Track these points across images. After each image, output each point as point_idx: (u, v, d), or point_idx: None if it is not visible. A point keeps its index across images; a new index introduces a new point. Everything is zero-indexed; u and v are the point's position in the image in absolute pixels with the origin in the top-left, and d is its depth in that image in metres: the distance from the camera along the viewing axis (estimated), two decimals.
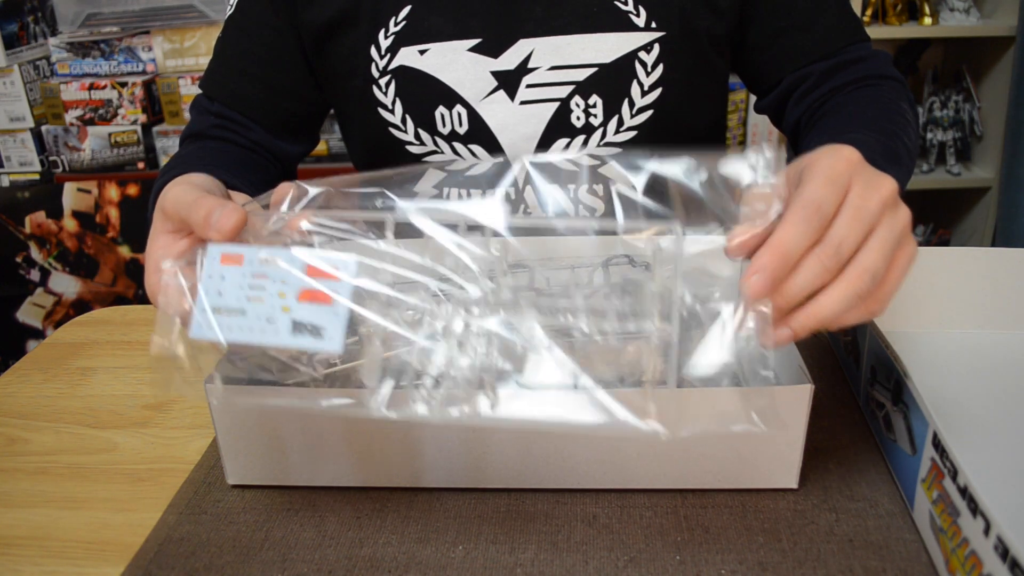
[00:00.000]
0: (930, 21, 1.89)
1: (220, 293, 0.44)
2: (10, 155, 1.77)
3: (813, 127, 0.74)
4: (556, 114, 0.77)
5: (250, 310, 0.43)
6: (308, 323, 0.43)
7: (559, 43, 0.76)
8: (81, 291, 1.84)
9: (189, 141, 0.82)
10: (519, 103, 0.77)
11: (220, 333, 0.43)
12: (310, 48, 0.81)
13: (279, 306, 0.43)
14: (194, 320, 0.44)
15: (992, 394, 0.60)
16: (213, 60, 0.83)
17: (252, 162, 0.81)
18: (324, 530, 0.51)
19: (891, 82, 0.76)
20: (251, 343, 0.43)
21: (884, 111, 0.71)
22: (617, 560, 0.48)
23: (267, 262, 0.44)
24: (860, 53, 0.77)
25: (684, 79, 0.77)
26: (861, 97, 0.74)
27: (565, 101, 0.77)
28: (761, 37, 0.78)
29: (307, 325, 0.43)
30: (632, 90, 0.77)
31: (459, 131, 0.79)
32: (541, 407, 0.43)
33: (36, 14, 1.78)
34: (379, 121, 0.80)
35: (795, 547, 0.48)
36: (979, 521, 0.40)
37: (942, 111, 2.03)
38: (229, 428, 0.53)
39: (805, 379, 0.49)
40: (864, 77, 0.76)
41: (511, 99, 0.77)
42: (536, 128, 0.78)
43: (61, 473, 0.58)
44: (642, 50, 0.76)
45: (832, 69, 0.76)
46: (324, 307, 0.43)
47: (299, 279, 0.43)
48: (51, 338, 0.79)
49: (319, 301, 0.43)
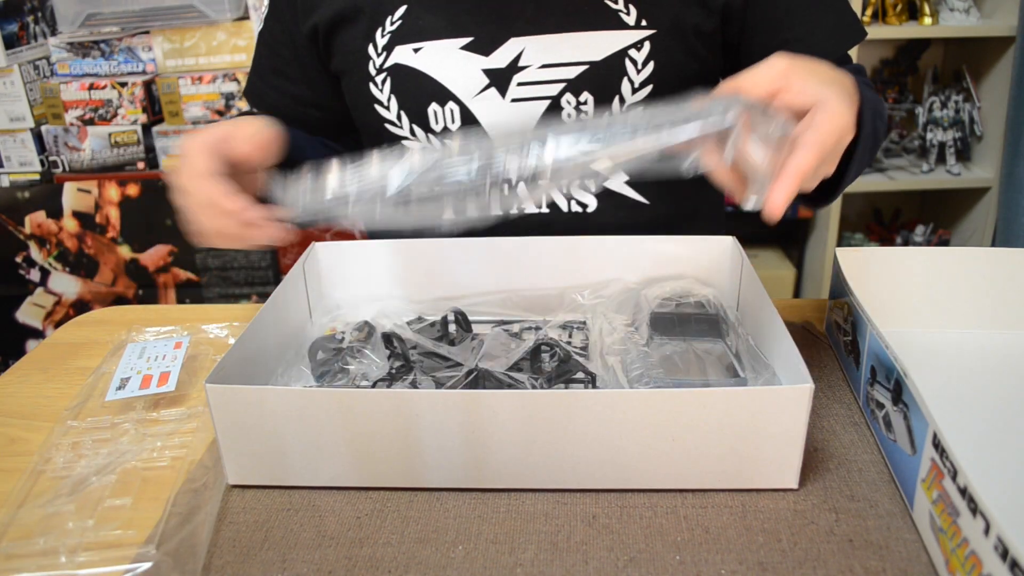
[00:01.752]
0: (930, 21, 1.89)
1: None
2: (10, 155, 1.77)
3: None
4: (547, 111, 0.78)
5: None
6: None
7: (550, 41, 0.76)
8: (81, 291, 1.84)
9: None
10: (510, 100, 0.78)
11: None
12: (323, 52, 0.83)
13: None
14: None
15: (992, 394, 0.60)
16: (251, 71, 0.90)
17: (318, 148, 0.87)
18: (324, 530, 0.51)
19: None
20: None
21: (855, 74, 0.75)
22: (617, 560, 0.48)
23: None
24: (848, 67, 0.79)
25: (674, 76, 0.77)
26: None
27: (556, 99, 0.77)
28: (766, 47, 0.77)
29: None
30: (623, 87, 0.77)
31: (451, 128, 0.79)
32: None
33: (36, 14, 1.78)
34: (376, 117, 0.81)
35: (795, 547, 0.48)
36: (979, 521, 0.40)
37: (942, 111, 2.02)
38: (229, 428, 0.53)
39: (805, 379, 0.49)
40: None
41: (502, 96, 0.78)
42: (527, 125, 0.79)
43: (60, 473, 0.58)
44: (632, 48, 0.76)
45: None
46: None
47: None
48: (51, 338, 0.79)
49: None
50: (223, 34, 1.70)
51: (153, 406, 0.65)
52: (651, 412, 0.50)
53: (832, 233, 2.01)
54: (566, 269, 0.72)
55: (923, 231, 2.16)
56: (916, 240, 2.15)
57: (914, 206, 2.31)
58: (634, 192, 0.81)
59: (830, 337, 0.71)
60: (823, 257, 2.05)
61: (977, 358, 0.65)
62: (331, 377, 0.63)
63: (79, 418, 0.64)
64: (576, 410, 0.50)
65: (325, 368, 0.63)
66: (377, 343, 0.65)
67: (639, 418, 0.50)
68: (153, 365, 0.68)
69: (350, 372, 0.63)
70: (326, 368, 0.63)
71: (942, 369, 0.64)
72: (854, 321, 0.62)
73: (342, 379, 0.62)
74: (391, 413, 0.51)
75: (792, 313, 0.77)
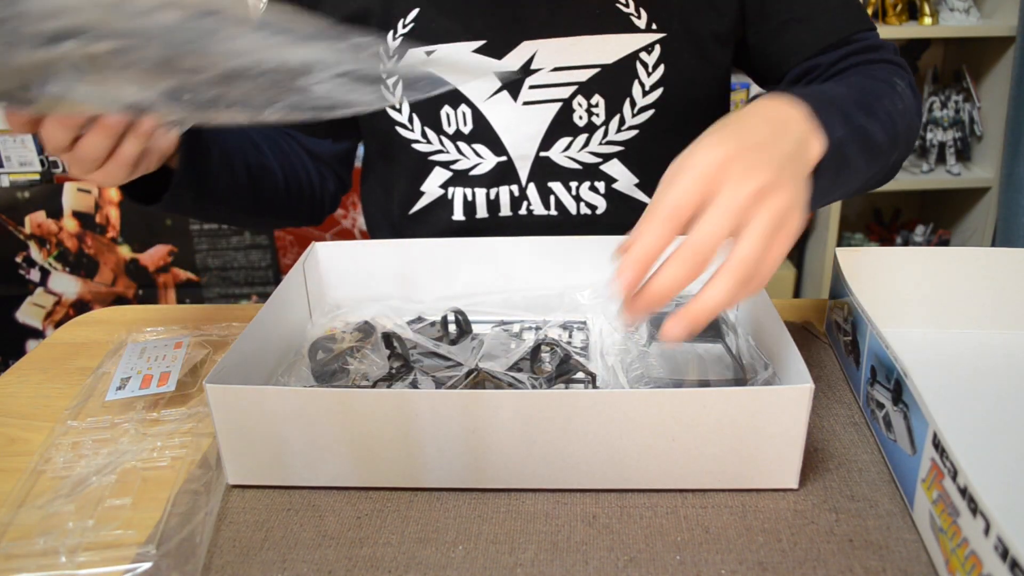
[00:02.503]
0: (930, 21, 1.89)
1: None
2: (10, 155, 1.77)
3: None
4: (559, 114, 0.78)
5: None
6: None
7: (561, 45, 0.76)
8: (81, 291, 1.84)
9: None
10: (522, 103, 0.78)
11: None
12: None
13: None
14: None
15: (992, 394, 0.60)
16: None
17: (266, 137, 0.86)
18: (324, 530, 0.51)
19: (891, 66, 0.75)
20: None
21: (868, 78, 0.70)
22: (617, 560, 0.48)
23: None
24: (868, 42, 0.76)
25: (685, 79, 0.78)
26: (851, 72, 0.74)
27: (567, 101, 0.78)
28: (764, 32, 0.77)
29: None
30: (633, 90, 0.77)
31: (463, 130, 0.80)
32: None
33: None
34: (387, 120, 0.82)
35: (795, 547, 0.48)
36: (979, 521, 0.40)
37: (942, 111, 2.03)
38: (229, 428, 0.53)
39: (805, 379, 0.49)
40: (867, 62, 0.75)
41: (514, 99, 0.78)
42: (539, 127, 0.79)
43: (60, 473, 0.58)
44: (643, 51, 0.76)
45: (839, 60, 0.75)
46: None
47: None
48: (51, 338, 0.79)
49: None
50: None
51: (153, 406, 0.65)
52: (651, 412, 0.50)
53: (832, 233, 2.01)
54: (566, 269, 0.72)
55: (923, 231, 2.16)
56: (916, 240, 2.15)
57: (914, 206, 2.31)
58: (643, 194, 0.81)
59: (830, 337, 0.71)
60: (823, 257, 2.05)
61: (977, 358, 0.65)
62: (331, 377, 0.63)
63: (79, 418, 0.64)
64: (576, 410, 0.50)
65: (325, 368, 0.64)
66: (377, 343, 0.65)
67: (639, 418, 0.50)
68: (153, 365, 0.68)
69: (350, 372, 0.63)
70: (326, 368, 0.64)
71: (942, 369, 0.64)
72: (854, 321, 0.62)
73: (342, 378, 0.62)
74: (391, 413, 0.51)
75: (792, 313, 0.77)
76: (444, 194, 0.83)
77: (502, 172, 0.81)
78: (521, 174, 0.81)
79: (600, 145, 0.79)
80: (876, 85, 0.68)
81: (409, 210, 0.86)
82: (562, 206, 0.82)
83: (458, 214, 0.83)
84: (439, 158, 0.82)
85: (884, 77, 0.70)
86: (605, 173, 0.80)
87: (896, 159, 0.70)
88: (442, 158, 0.82)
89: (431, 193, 0.84)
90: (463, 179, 0.82)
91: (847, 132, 0.58)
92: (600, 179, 0.81)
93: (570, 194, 0.81)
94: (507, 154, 0.80)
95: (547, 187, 0.81)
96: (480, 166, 0.81)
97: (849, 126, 0.59)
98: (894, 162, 0.70)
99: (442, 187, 0.83)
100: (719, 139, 0.48)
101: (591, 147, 0.79)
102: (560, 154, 0.80)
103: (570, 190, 0.81)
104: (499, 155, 0.80)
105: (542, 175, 0.81)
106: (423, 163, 0.83)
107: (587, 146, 0.79)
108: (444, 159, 0.82)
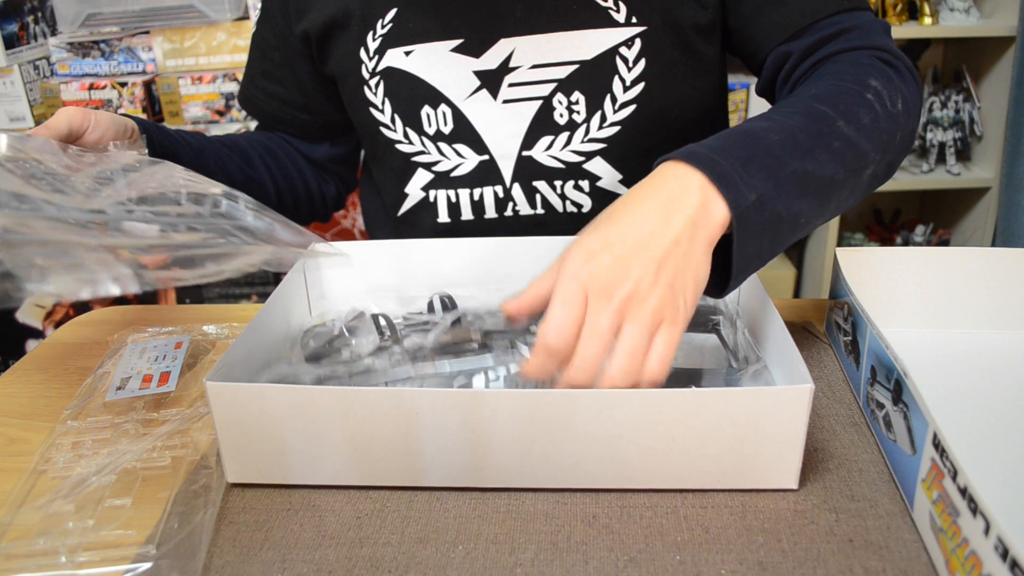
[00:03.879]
0: (930, 21, 1.89)
1: None
2: None
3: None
4: (539, 112, 0.78)
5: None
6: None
7: (540, 41, 0.76)
8: None
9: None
10: (502, 102, 0.78)
11: None
12: (317, 57, 0.83)
13: None
14: None
15: (992, 394, 0.60)
16: (244, 74, 0.91)
17: (260, 148, 0.89)
18: (324, 530, 0.51)
19: (866, 53, 0.69)
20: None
21: (833, 86, 0.64)
22: (617, 560, 0.48)
23: None
24: (844, 24, 0.71)
25: (667, 73, 0.77)
26: (821, 72, 0.68)
27: (547, 99, 0.77)
28: (740, 14, 0.76)
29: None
30: (614, 86, 0.77)
31: (444, 130, 0.79)
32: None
33: (36, 14, 1.77)
34: (372, 120, 0.82)
35: (795, 547, 0.48)
36: (979, 521, 0.40)
37: (942, 111, 2.03)
38: (229, 425, 0.53)
39: (805, 379, 0.49)
40: (841, 51, 0.70)
41: (494, 98, 0.78)
42: (520, 126, 0.78)
43: (60, 473, 0.58)
44: (623, 46, 0.75)
45: (814, 45, 0.71)
46: None
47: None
48: (51, 338, 0.79)
49: None
50: (223, 34, 1.70)
51: (153, 406, 0.65)
52: (651, 412, 0.50)
53: (832, 233, 2.01)
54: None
55: (923, 231, 2.16)
56: (916, 240, 2.15)
57: (914, 206, 2.31)
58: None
59: (830, 337, 0.71)
60: (823, 257, 2.05)
61: (977, 358, 0.65)
62: (323, 357, 0.62)
63: (79, 418, 0.64)
64: (576, 410, 0.50)
65: (318, 352, 0.63)
66: (368, 324, 0.65)
67: (639, 418, 0.50)
68: (153, 365, 0.68)
69: (342, 354, 0.63)
70: (319, 352, 0.63)
71: (942, 369, 0.64)
72: (854, 321, 0.62)
73: (333, 356, 0.62)
74: (391, 412, 0.51)
75: (792, 313, 0.77)
76: (426, 196, 0.83)
77: (485, 172, 0.80)
78: (505, 174, 0.80)
79: (582, 143, 0.79)
80: (838, 100, 0.61)
81: (397, 212, 0.86)
82: (548, 204, 0.81)
83: (443, 216, 0.83)
84: (421, 159, 0.82)
85: (854, 78, 0.64)
86: (589, 172, 0.80)
87: (878, 170, 0.63)
88: (424, 159, 0.81)
89: (414, 195, 0.84)
90: (444, 181, 0.82)
91: (773, 186, 0.53)
92: (584, 178, 0.80)
93: (555, 192, 0.81)
94: (489, 153, 0.80)
95: (532, 187, 0.81)
96: (462, 166, 0.81)
97: (775, 178, 0.54)
98: (876, 172, 0.63)
99: (423, 189, 0.83)
100: (593, 245, 0.51)
101: (573, 145, 0.79)
102: (543, 153, 0.79)
103: (555, 189, 0.80)
104: (481, 154, 0.80)
105: (526, 175, 0.80)
106: (407, 164, 0.83)
107: (569, 144, 0.79)
108: (426, 160, 0.81)
